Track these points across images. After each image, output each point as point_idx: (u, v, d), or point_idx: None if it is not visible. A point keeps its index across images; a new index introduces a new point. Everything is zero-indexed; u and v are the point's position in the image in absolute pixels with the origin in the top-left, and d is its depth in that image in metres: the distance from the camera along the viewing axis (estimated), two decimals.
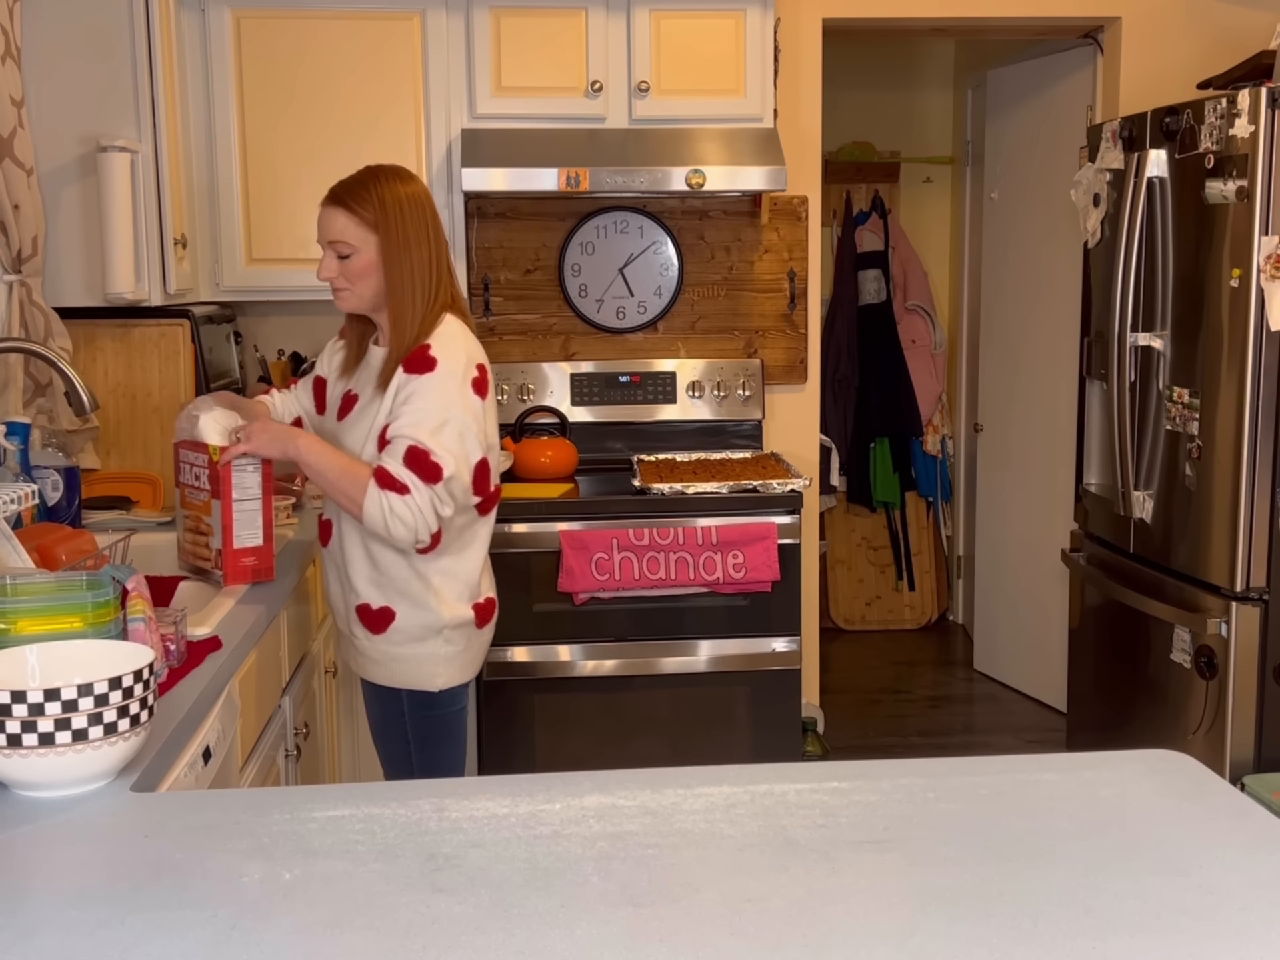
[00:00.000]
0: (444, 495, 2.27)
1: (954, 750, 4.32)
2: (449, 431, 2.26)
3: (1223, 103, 3.08)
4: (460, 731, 2.53)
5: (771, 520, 3.39)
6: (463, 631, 2.44)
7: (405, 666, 2.43)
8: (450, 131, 3.51)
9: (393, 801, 1.42)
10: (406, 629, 2.40)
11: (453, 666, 2.45)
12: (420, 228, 2.33)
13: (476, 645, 2.50)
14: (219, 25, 3.40)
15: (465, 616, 2.43)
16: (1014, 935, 1.11)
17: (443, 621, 2.40)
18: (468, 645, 2.47)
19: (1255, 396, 3.08)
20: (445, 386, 2.27)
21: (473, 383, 2.31)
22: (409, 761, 2.53)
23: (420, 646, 2.41)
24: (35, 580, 1.77)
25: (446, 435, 2.26)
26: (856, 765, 1.51)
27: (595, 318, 3.98)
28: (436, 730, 2.50)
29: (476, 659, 2.52)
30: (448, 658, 2.43)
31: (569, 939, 1.11)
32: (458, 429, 2.27)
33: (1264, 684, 3.17)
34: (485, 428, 2.35)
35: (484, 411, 2.34)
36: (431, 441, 2.24)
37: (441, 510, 2.27)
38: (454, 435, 2.27)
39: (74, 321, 3.05)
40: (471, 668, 2.51)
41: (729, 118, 3.56)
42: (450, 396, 2.28)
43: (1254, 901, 1.17)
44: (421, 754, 2.51)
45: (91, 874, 1.27)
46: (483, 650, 2.54)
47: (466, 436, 2.29)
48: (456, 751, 2.53)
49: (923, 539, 5.68)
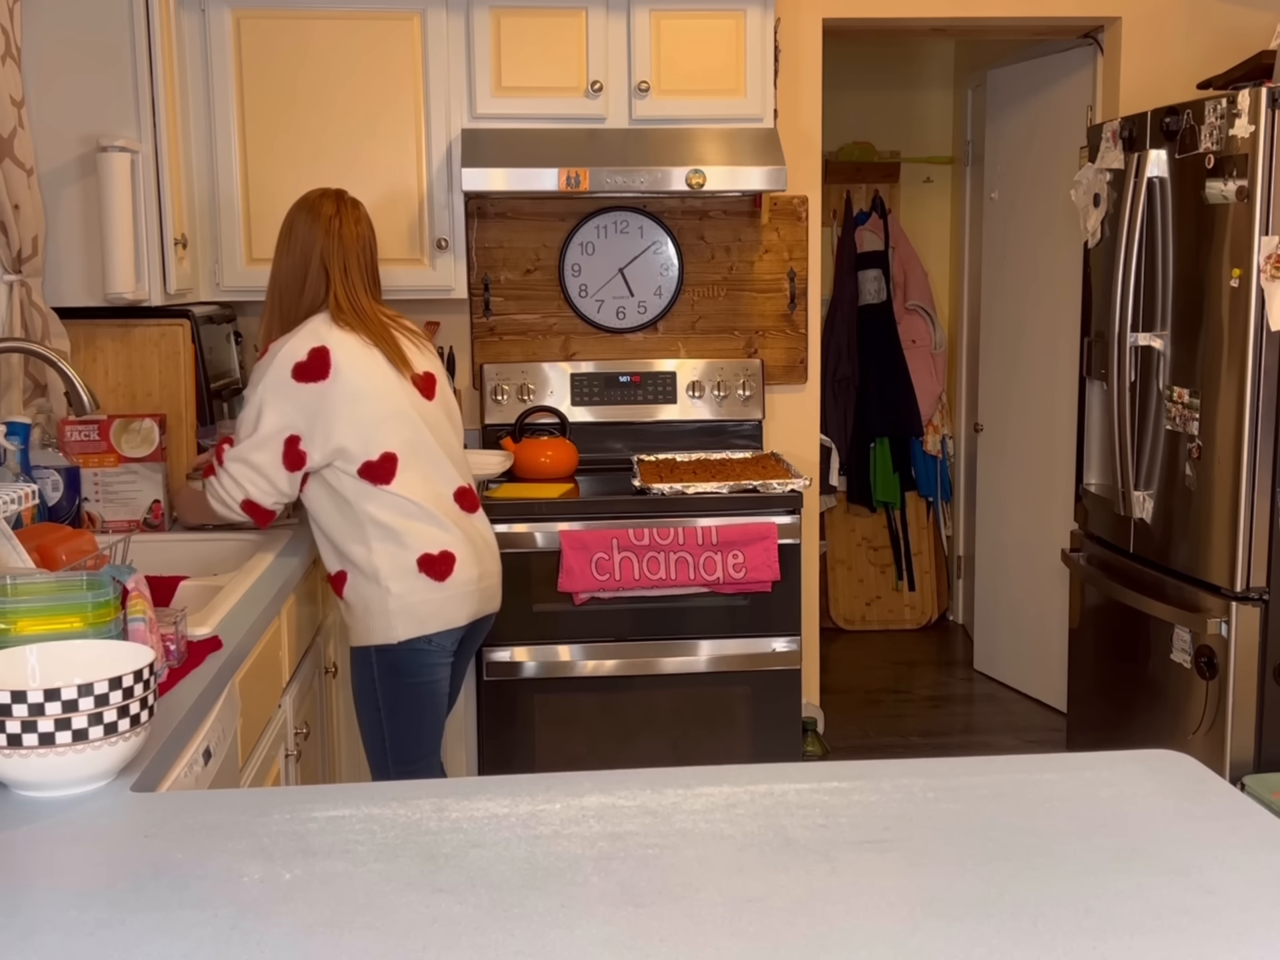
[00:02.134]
0: (239, 471, 2.57)
1: (954, 750, 4.32)
2: (248, 415, 2.57)
3: (1223, 103, 3.08)
4: (430, 703, 2.70)
5: (771, 520, 3.39)
6: (408, 582, 2.60)
7: (365, 623, 2.64)
8: (450, 131, 3.51)
9: (393, 801, 1.42)
10: (356, 585, 2.63)
11: (408, 620, 2.61)
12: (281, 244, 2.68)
13: (435, 599, 2.63)
14: (219, 25, 3.40)
15: (405, 565, 2.60)
16: (1014, 935, 1.11)
17: (381, 573, 2.59)
18: (423, 598, 2.62)
19: (1255, 396, 3.08)
20: (260, 371, 2.59)
21: (295, 369, 2.54)
22: (380, 731, 2.70)
23: (372, 602, 2.61)
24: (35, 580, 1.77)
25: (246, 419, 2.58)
26: (856, 765, 1.51)
27: (595, 318, 3.98)
28: (405, 699, 2.67)
29: (438, 614, 2.64)
30: (400, 610, 2.60)
31: (569, 939, 1.11)
32: (255, 411, 2.56)
33: (1264, 684, 3.17)
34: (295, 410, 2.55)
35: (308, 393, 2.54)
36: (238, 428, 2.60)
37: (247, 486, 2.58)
38: (250, 418, 2.56)
39: (74, 321, 3.05)
40: (433, 622, 2.64)
41: (729, 118, 3.56)
42: (259, 381, 2.57)
43: (1254, 901, 1.17)
44: (391, 720, 2.68)
45: (91, 874, 1.27)
46: (447, 606, 2.65)
47: (264, 418, 2.55)
48: (427, 724, 2.70)
49: (923, 539, 5.68)
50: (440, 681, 2.71)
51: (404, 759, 2.71)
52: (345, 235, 2.64)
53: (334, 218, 2.64)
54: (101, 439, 2.90)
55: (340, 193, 2.71)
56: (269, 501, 2.62)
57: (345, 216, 2.65)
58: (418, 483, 2.63)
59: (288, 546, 2.80)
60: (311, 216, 2.64)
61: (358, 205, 2.71)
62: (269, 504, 2.62)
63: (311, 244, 2.63)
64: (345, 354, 2.57)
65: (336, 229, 2.63)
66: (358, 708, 2.76)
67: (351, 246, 2.65)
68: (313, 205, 2.66)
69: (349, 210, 2.67)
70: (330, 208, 2.65)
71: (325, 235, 2.63)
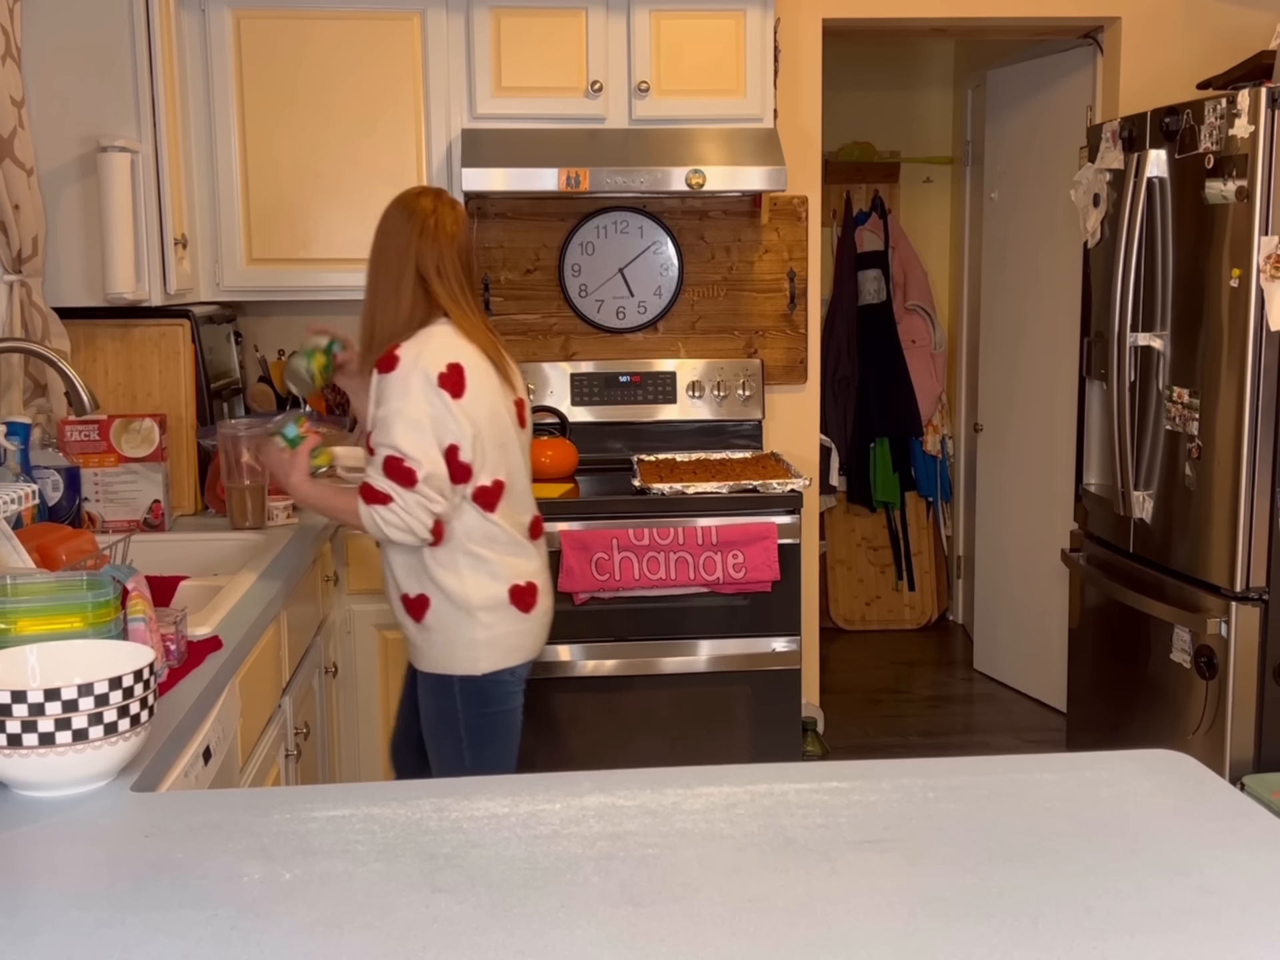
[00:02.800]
0: (428, 493, 2.39)
1: (954, 750, 4.32)
2: (406, 427, 2.37)
3: (1222, 103, 3.08)
4: (511, 733, 2.63)
5: (771, 520, 3.39)
6: (499, 614, 2.53)
7: (447, 651, 2.54)
8: (450, 131, 3.51)
9: (393, 801, 1.42)
10: (442, 613, 2.51)
11: (494, 650, 2.54)
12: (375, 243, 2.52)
13: (520, 630, 2.57)
14: (219, 25, 3.40)
15: (497, 597, 2.52)
16: (1014, 935, 1.11)
17: (473, 604, 2.50)
18: (510, 629, 2.55)
19: (1255, 396, 3.08)
20: (407, 384, 2.39)
21: (440, 378, 2.39)
22: (461, 760, 2.59)
23: (458, 630, 2.51)
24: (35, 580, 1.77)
25: (407, 433, 2.37)
26: (856, 765, 1.51)
27: (595, 318, 3.98)
28: (488, 727, 2.59)
29: (523, 645, 2.59)
30: (487, 641, 2.52)
31: (569, 939, 1.11)
32: (421, 428, 2.38)
33: (1264, 684, 3.17)
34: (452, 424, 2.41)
35: (456, 408, 2.40)
36: (406, 446, 2.37)
37: (432, 507, 2.40)
38: (412, 431, 2.37)
39: (74, 321, 3.05)
40: (517, 654, 2.58)
41: (729, 118, 3.56)
42: (412, 395, 2.38)
43: (1254, 901, 1.17)
44: (473, 750, 2.58)
45: (91, 874, 1.27)
46: (529, 637, 2.60)
47: (429, 432, 2.38)
48: (508, 753, 2.62)
49: (923, 539, 5.68)
50: (519, 709, 2.65)
51: None
52: (441, 237, 2.49)
53: (430, 215, 2.49)
54: (101, 439, 2.90)
55: (440, 191, 2.56)
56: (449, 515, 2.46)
57: (441, 216, 2.49)
58: (510, 512, 2.56)
59: (288, 546, 2.80)
60: (405, 215, 2.49)
61: (455, 206, 2.54)
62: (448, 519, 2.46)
63: (405, 245, 2.48)
64: (475, 374, 2.44)
65: (431, 228, 2.48)
66: (434, 735, 2.63)
67: (448, 249, 2.49)
68: (406, 203, 2.51)
69: (446, 210, 2.51)
70: (427, 204, 2.50)
71: (420, 235, 2.48)
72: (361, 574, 3.28)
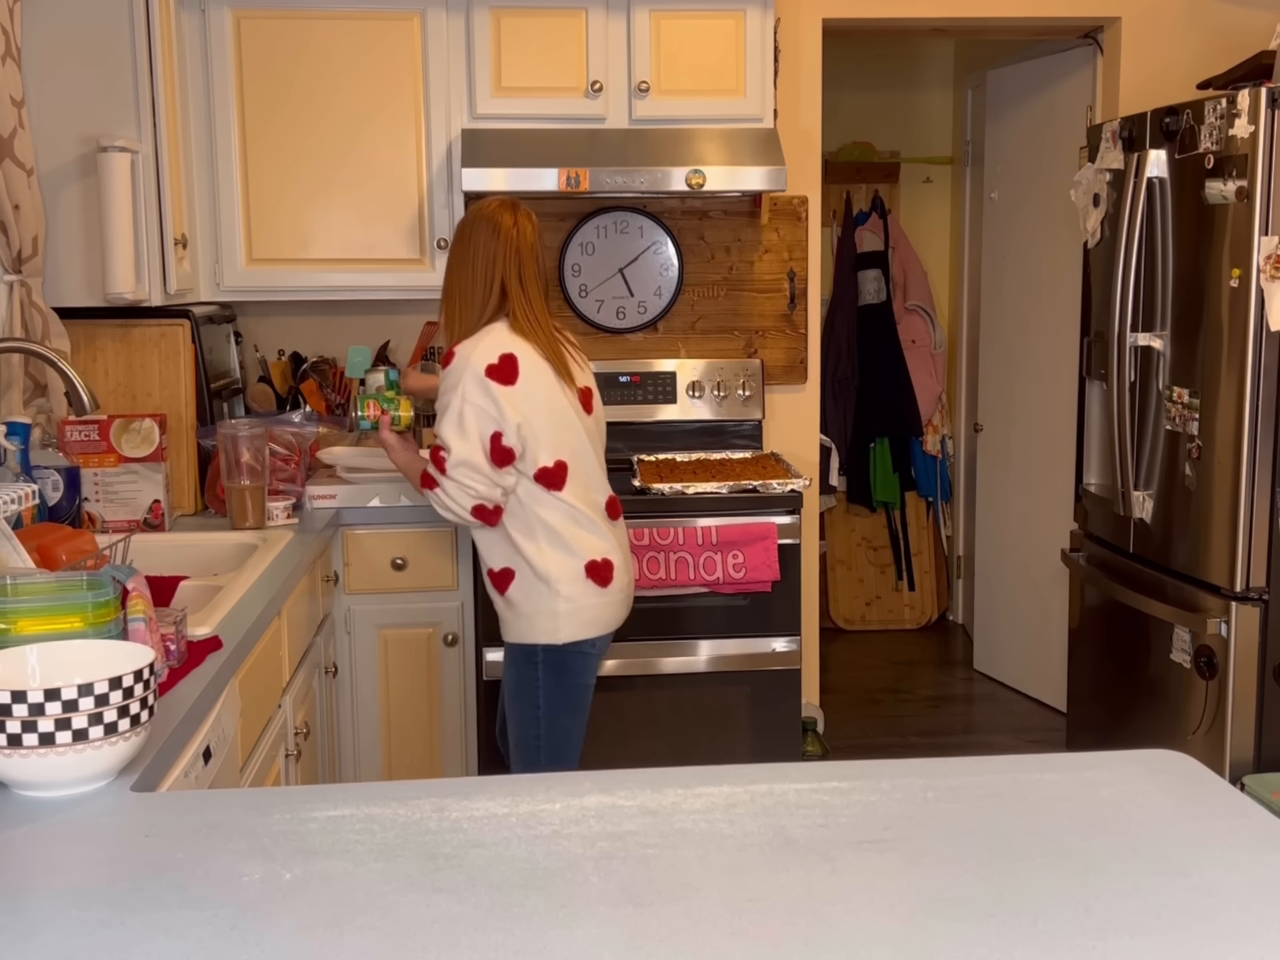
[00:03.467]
0: (464, 476, 2.62)
1: (954, 750, 4.32)
2: (451, 420, 2.63)
3: (1223, 103, 3.08)
4: (584, 707, 2.83)
5: (771, 520, 3.39)
6: (577, 587, 2.71)
7: (531, 622, 2.73)
8: (450, 131, 3.51)
9: (393, 801, 1.42)
10: (525, 587, 2.72)
11: (574, 622, 2.72)
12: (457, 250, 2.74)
13: (598, 603, 2.74)
14: (219, 25, 3.40)
15: (575, 571, 2.71)
16: (1014, 935, 1.11)
17: (553, 577, 2.70)
18: (589, 602, 2.73)
19: (1255, 396, 3.08)
20: (455, 376, 2.63)
21: (488, 370, 2.61)
22: (536, 727, 2.79)
23: (540, 602, 2.71)
24: (35, 580, 1.77)
25: (450, 424, 2.63)
26: (856, 765, 1.51)
27: (595, 318, 3.98)
28: (564, 697, 2.78)
29: (600, 618, 2.76)
30: (567, 613, 2.71)
31: (569, 939, 1.11)
32: (456, 414, 2.62)
33: (1264, 684, 3.17)
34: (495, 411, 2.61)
35: (503, 396, 2.61)
36: (443, 434, 2.64)
37: (468, 490, 2.63)
38: (455, 422, 2.62)
39: (74, 321, 3.05)
40: (596, 626, 2.76)
41: (729, 118, 3.56)
42: (457, 386, 2.62)
43: (1254, 901, 1.17)
44: (549, 718, 2.78)
45: (91, 874, 1.27)
46: (608, 610, 2.77)
47: (467, 418, 2.61)
48: (578, 726, 2.82)
49: (923, 539, 5.68)
50: (593, 685, 2.84)
51: (557, 757, 2.80)
52: (524, 249, 2.70)
53: (513, 228, 2.70)
54: (101, 439, 2.90)
55: (518, 202, 2.76)
56: (496, 498, 2.66)
57: (522, 228, 2.71)
58: (582, 491, 2.74)
59: (288, 546, 2.80)
60: (492, 230, 2.69)
61: (530, 215, 2.75)
62: (495, 501, 2.67)
63: (492, 260, 2.69)
64: (528, 363, 2.66)
65: (514, 240, 2.69)
66: (514, 703, 2.81)
67: (529, 260, 2.71)
68: (492, 218, 2.70)
69: (525, 221, 2.72)
70: (509, 219, 2.70)
71: (508, 251, 2.69)
72: (361, 574, 3.29)
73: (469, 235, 2.72)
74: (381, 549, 3.29)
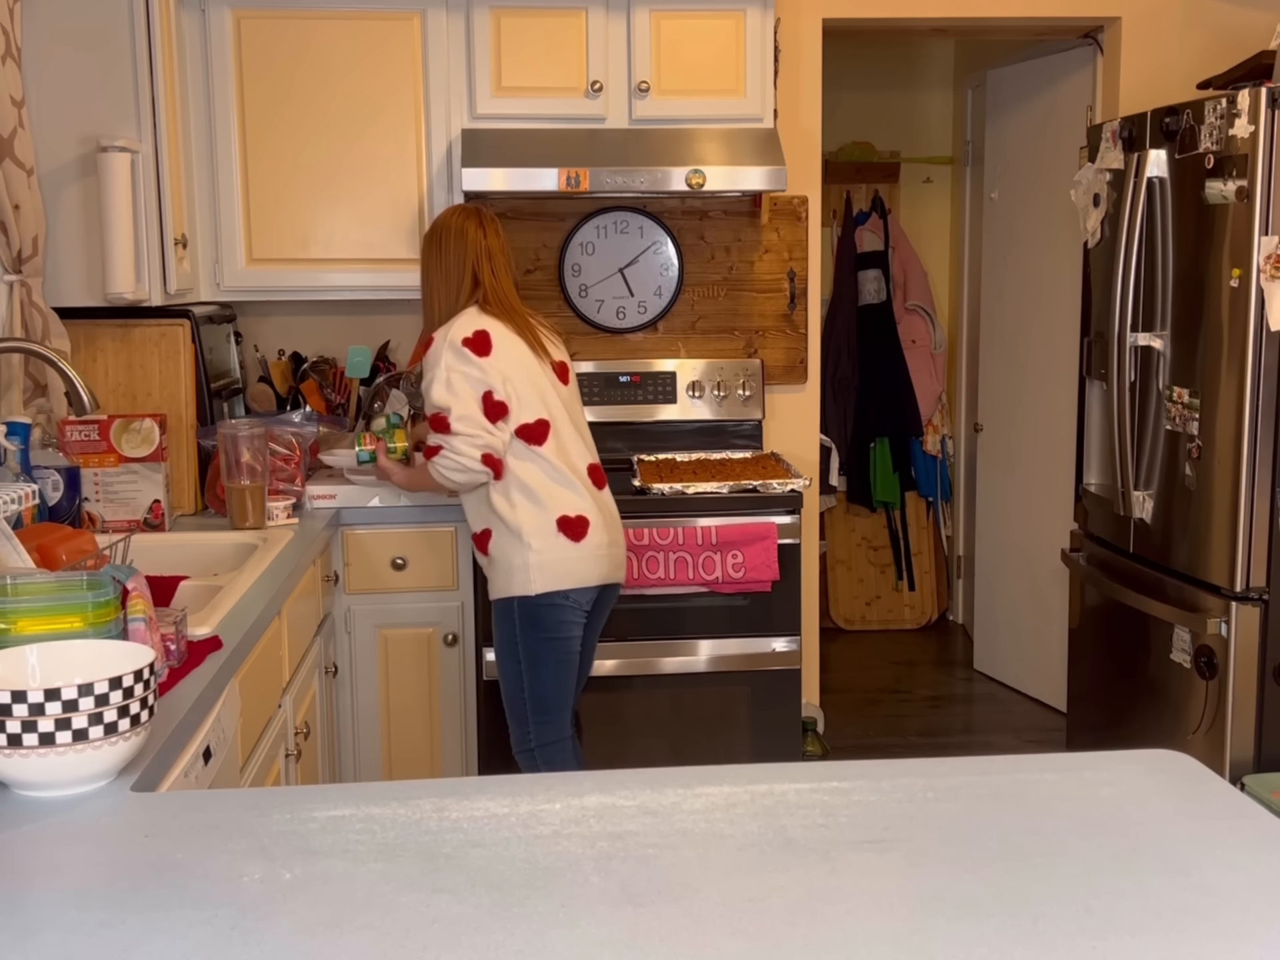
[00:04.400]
0: (467, 431, 2.79)
1: (954, 750, 4.32)
2: (439, 386, 2.82)
3: (1223, 103, 3.08)
4: (566, 663, 2.94)
5: (771, 520, 3.39)
6: (548, 540, 2.85)
7: (506, 577, 2.88)
8: (450, 131, 3.51)
9: (393, 801, 1.42)
10: (500, 542, 2.88)
11: (545, 574, 2.85)
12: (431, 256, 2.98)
13: (570, 556, 2.87)
14: (219, 25, 3.40)
15: (545, 524, 2.86)
16: (1014, 935, 1.11)
17: (524, 530, 2.85)
18: (560, 555, 2.86)
19: (1255, 396, 3.08)
20: (436, 353, 2.84)
21: (464, 342, 2.83)
22: (520, 684, 2.94)
23: (514, 556, 2.86)
24: (35, 580, 1.77)
25: (440, 390, 2.81)
26: (856, 765, 1.51)
27: (595, 318, 3.98)
28: (543, 652, 2.90)
29: (574, 572, 2.88)
30: (538, 565, 2.85)
31: (569, 939, 1.11)
32: (444, 381, 2.81)
33: (1264, 684, 3.17)
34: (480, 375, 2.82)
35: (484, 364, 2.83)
36: (438, 399, 2.82)
37: (475, 441, 2.80)
38: (443, 387, 2.81)
39: (74, 321, 3.05)
40: (568, 579, 2.88)
41: (729, 118, 3.56)
42: (441, 360, 2.83)
43: (1254, 901, 1.17)
44: (530, 673, 2.92)
45: (91, 874, 1.27)
46: (581, 564, 2.89)
47: (455, 382, 2.81)
48: (562, 678, 2.94)
49: (923, 539, 5.68)
50: (575, 639, 2.94)
51: (542, 709, 2.94)
52: (493, 247, 2.97)
53: (479, 233, 2.96)
54: (102, 439, 2.90)
55: (479, 209, 3.01)
56: (499, 447, 2.84)
57: (489, 231, 2.97)
58: (559, 451, 2.91)
59: (288, 546, 2.80)
60: (459, 237, 2.95)
61: (494, 219, 3.01)
62: (500, 451, 2.84)
63: (463, 260, 2.94)
64: (499, 336, 2.88)
65: (483, 243, 2.95)
66: (499, 659, 2.98)
67: (498, 255, 2.97)
68: (460, 229, 2.95)
69: (490, 224, 2.98)
70: (474, 228, 2.96)
71: (475, 251, 2.94)
72: (361, 574, 3.29)
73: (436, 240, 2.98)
74: (381, 549, 3.29)
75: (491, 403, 2.83)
